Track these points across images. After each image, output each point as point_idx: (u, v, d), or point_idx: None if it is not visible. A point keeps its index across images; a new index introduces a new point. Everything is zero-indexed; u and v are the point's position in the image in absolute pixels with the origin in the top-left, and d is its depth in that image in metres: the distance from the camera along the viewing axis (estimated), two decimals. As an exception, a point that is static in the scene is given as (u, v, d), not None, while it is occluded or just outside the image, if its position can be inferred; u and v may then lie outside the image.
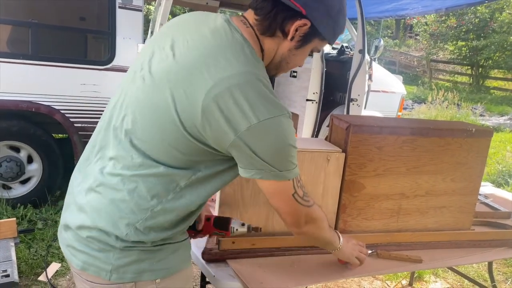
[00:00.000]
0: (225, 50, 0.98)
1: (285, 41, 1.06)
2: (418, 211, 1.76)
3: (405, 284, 2.98)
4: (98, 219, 1.03)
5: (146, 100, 1.02)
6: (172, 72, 1.00)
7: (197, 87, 0.95)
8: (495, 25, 15.87)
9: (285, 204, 1.10)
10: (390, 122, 1.79)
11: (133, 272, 1.05)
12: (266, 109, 0.94)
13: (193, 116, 0.95)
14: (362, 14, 3.84)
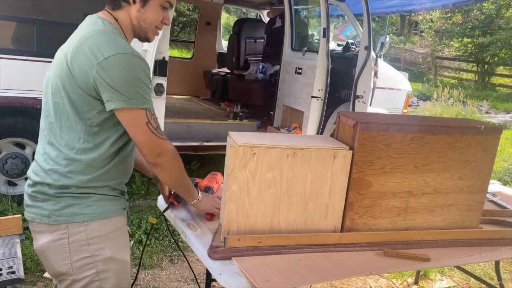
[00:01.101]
0: (83, 26, 1.42)
1: (131, 6, 1.41)
2: (425, 209, 1.74)
3: (410, 282, 2.97)
4: (37, 176, 1.40)
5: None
6: (53, 66, 1.49)
7: (67, 50, 1.37)
8: (501, 21, 15.74)
9: (140, 132, 1.33)
10: (398, 119, 1.76)
11: (65, 215, 1.36)
12: (111, 49, 1.27)
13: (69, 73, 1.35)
14: (368, 11, 3.82)
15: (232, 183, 1.47)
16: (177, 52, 12.55)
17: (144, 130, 1.32)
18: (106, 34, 1.33)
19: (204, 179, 2.07)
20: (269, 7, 6.14)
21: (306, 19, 5.58)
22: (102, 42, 1.29)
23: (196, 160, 4.73)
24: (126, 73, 1.27)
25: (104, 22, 1.38)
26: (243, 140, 1.48)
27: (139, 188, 3.99)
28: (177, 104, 5.32)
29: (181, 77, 5.94)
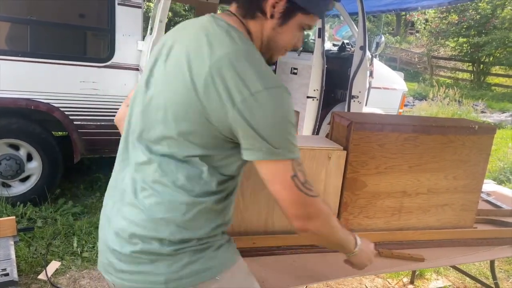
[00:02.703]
0: (212, 37, 1.01)
1: (267, 21, 1.07)
2: (420, 209, 1.74)
3: (406, 282, 2.97)
4: (139, 227, 1.03)
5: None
6: (165, 78, 1.06)
7: (195, 70, 0.99)
8: (496, 21, 15.81)
9: (283, 188, 1.01)
10: (392, 119, 1.76)
11: (189, 276, 1.03)
12: (260, 81, 0.95)
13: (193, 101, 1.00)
14: (363, 10, 3.82)
15: (226, 184, 1.47)
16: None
17: (289, 186, 1.00)
18: (251, 58, 0.99)
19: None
20: (265, 7, 6.14)
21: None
22: (248, 71, 0.96)
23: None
24: (276, 115, 0.97)
25: (240, 37, 1.03)
26: (237, 140, 1.48)
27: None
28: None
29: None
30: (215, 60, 0.96)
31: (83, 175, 4.29)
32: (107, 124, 3.65)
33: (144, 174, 1.05)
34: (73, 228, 3.16)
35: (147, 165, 1.05)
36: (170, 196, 1.02)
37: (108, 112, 3.63)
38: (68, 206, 3.49)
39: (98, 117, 3.61)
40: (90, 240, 3.03)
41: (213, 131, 1.00)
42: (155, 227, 1.02)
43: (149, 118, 1.06)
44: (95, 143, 3.72)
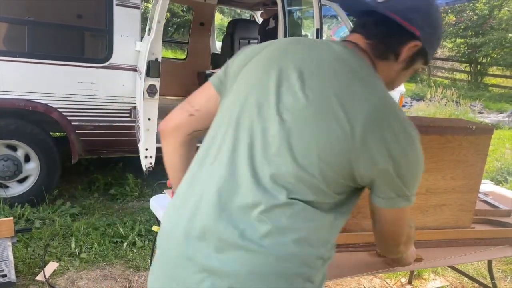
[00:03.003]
0: (364, 77, 0.95)
1: (395, 63, 1.05)
2: (418, 209, 1.74)
3: (404, 282, 2.97)
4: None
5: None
6: (310, 112, 0.92)
7: (352, 112, 0.90)
8: (493, 22, 15.84)
9: (401, 229, 1.10)
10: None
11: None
12: (412, 132, 0.95)
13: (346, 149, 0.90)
14: (361, 11, 3.83)
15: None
16: (171, 53, 12.52)
17: (406, 226, 1.09)
18: (397, 104, 0.97)
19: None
20: (263, 8, 6.14)
21: (300, 20, 5.59)
22: (404, 123, 0.94)
23: (190, 161, 4.73)
24: (420, 164, 0.98)
25: (380, 80, 0.99)
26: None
27: (133, 189, 3.98)
28: (170, 105, 5.25)
29: (174, 78, 5.92)
30: (375, 105, 0.91)
31: (81, 176, 4.28)
32: (105, 125, 3.65)
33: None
34: (71, 229, 3.15)
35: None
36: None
37: (106, 113, 3.63)
38: (66, 207, 3.49)
39: (96, 118, 3.61)
40: (88, 241, 3.03)
41: (345, 175, 0.93)
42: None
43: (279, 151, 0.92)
44: (93, 144, 3.72)
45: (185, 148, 1.16)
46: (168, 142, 1.17)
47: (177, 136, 1.15)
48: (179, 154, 1.17)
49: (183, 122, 1.14)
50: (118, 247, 3.01)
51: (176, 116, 1.16)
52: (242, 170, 0.93)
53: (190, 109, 1.13)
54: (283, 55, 1.01)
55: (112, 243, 3.04)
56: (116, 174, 4.30)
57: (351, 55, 0.99)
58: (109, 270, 2.77)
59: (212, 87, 1.12)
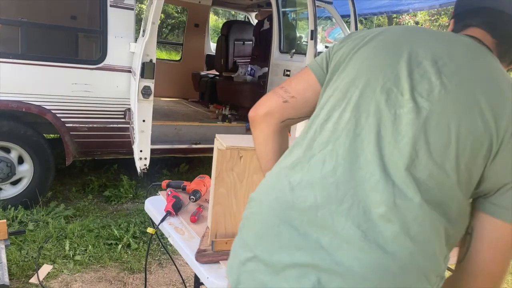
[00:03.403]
0: (505, 78, 0.89)
1: (505, 67, 0.98)
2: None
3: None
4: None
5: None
6: (450, 102, 0.84)
7: (496, 110, 0.83)
8: (486, 24, 15.98)
9: (504, 255, 0.87)
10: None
11: None
12: None
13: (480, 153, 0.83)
14: (355, 13, 3.85)
15: (219, 186, 1.47)
16: (165, 54, 12.50)
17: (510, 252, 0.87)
18: None
19: (192, 182, 2.06)
20: (257, 10, 6.15)
21: (294, 21, 5.60)
22: None
23: (185, 162, 4.72)
24: None
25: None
26: (230, 142, 1.48)
27: (127, 191, 3.96)
28: (165, 106, 5.30)
29: (169, 79, 5.92)
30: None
31: (75, 177, 4.26)
32: (99, 127, 3.63)
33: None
34: (65, 231, 3.14)
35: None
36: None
37: (101, 114, 3.62)
38: (60, 209, 3.47)
39: (91, 119, 3.59)
40: (82, 243, 3.01)
41: (473, 178, 0.84)
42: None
43: (424, 143, 0.81)
44: (88, 146, 3.70)
45: (278, 136, 1.09)
46: (261, 130, 1.09)
47: (269, 123, 1.07)
48: (272, 143, 1.10)
49: (277, 108, 1.06)
50: (112, 249, 3.00)
51: (268, 101, 1.08)
52: (366, 161, 0.83)
53: (284, 95, 1.05)
54: (408, 41, 0.93)
55: (107, 245, 3.03)
56: (111, 176, 4.28)
57: (484, 50, 0.93)
58: (103, 272, 2.76)
59: (312, 74, 1.04)
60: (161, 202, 1.92)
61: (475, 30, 0.98)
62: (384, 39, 0.96)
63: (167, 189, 2.01)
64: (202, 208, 1.86)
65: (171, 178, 3.82)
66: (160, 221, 1.76)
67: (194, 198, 1.92)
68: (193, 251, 1.49)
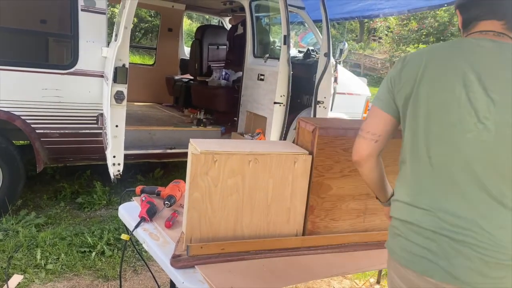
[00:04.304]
0: None
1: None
2: (383, 211, 1.80)
3: (373, 282, 3.05)
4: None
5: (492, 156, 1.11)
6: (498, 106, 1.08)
7: None
8: (453, 28, 16.52)
9: None
10: (355, 124, 1.82)
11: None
12: None
13: None
14: (327, 18, 3.91)
15: (194, 190, 1.47)
16: (139, 58, 12.35)
17: None
18: None
19: (166, 187, 2.05)
20: (231, 14, 6.17)
21: (268, 26, 5.65)
22: None
23: (159, 167, 4.68)
24: None
25: None
26: (205, 147, 1.49)
27: (101, 198, 3.90)
28: (139, 111, 5.25)
29: (143, 83, 5.86)
30: None
31: (46, 185, 4.16)
32: (71, 132, 3.56)
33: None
34: (36, 239, 3.06)
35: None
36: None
37: (72, 120, 3.55)
38: (30, 217, 3.38)
39: (62, 125, 3.52)
40: (55, 251, 2.95)
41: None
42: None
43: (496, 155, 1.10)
44: (59, 152, 3.62)
45: (378, 166, 1.37)
46: (365, 167, 1.36)
47: (371, 162, 1.34)
48: (375, 172, 1.37)
49: (372, 150, 1.31)
50: (86, 257, 2.95)
51: (365, 147, 1.32)
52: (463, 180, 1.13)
53: (374, 138, 1.30)
54: (456, 61, 1.14)
55: (80, 253, 2.97)
56: (83, 182, 4.20)
57: (508, 46, 1.13)
58: (77, 281, 2.71)
59: (383, 113, 1.29)
60: (135, 208, 1.91)
61: (485, 23, 1.18)
62: (438, 62, 1.17)
63: (141, 195, 2.00)
64: (177, 213, 1.86)
65: (145, 184, 3.78)
66: (134, 227, 1.75)
67: (169, 203, 1.92)
68: (168, 256, 1.49)
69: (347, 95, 5.08)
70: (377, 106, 1.30)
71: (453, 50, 1.18)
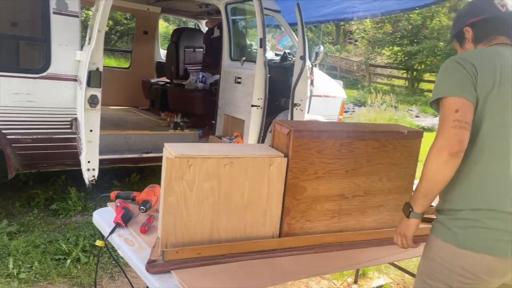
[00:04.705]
0: None
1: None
2: (357, 211, 1.83)
3: (350, 282, 3.08)
4: None
5: None
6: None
7: None
8: (426, 31, 16.91)
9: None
10: (329, 127, 1.85)
11: None
12: None
13: None
14: (302, 21, 3.95)
15: (169, 195, 1.47)
16: (114, 61, 12.19)
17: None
18: None
19: (141, 192, 2.03)
20: (207, 17, 6.16)
21: (244, 29, 5.66)
22: None
23: (135, 172, 4.62)
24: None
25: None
26: (179, 151, 1.49)
27: (76, 204, 3.82)
28: (114, 115, 5.17)
29: (118, 87, 5.78)
30: None
31: (18, 191, 4.05)
32: (44, 138, 3.48)
33: None
34: (8, 248, 2.98)
35: None
36: None
37: (45, 125, 3.47)
38: (2, 225, 3.29)
39: (35, 131, 3.44)
40: (28, 260, 2.87)
41: None
42: None
43: None
44: (32, 158, 3.54)
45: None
46: (458, 161, 1.31)
47: (462, 154, 1.32)
48: (455, 168, 1.34)
49: (467, 138, 1.32)
50: (61, 265, 2.88)
51: (466, 137, 1.31)
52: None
53: (469, 127, 1.31)
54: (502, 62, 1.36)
55: (54, 261, 2.91)
56: (58, 188, 4.11)
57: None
58: (51, 289, 2.65)
59: (471, 104, 1.33)
60: (110, 214, 1.89)
61: (501, 38, 1.46)
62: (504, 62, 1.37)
63: (116, 200, 1.98)
64: (153, 218, 1.84)
65: (121, 189, 3.73)
66: (109, 233, 1.73)
67: (144, 208, 1.90)
68: (144, 262, 1.48)
69: (323, 97, 5.13)
70: (465, 98, 1.33)
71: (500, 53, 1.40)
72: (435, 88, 1.43)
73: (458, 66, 1.36)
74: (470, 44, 1.52)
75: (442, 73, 1.41)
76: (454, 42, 1.61)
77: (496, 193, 1.34)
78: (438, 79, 1.43)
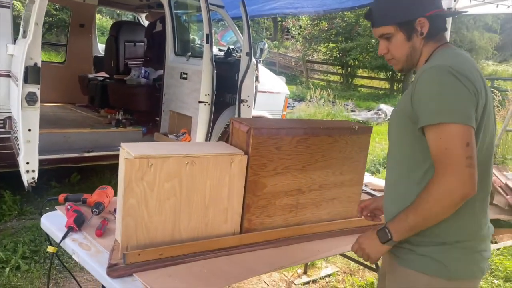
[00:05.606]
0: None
1: None
2: (313, 204, 1.89)
3: (300, 272, 3.18)
4: None
5: None
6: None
7: None
8: (359, 29, 17.63)
9: None
10: (286, 124, 1.90)
11: None
12: None
13: None
14: (247, 18, 3.97)
15: (129, 196, 1.43)
16: (44, 55, 11.45)
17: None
18: None
19: (93, 194, 1.95)
20: (148, 11, 5.99)
21: (187, 24, 5.58)
22: None
23: (76, 172, 4.40)
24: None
25: None
26: (138, 151, 1.45)
27: (11, 208, 3.57)
28: (50, 112, 4.88)
29: (53, 82, 5.44)
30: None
31: None
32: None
33: None
34: None
35: None
36: None
37: (-26, 124, 3.21)
38: None
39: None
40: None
41: None
42: None
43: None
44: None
45: None
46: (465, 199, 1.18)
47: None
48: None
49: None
50: (-2, 274, 2.70)
51: (475, 176, 1.16)
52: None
53: (475, 163, 1.16)
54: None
55: (-9, 271, 2.71)
56: (-11, 192, 3.82)
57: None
58: (-11, 301, 2.47)
59: (472, 130, 1.17)
60: (60, 218, 1.80)
61: (445, 36, 1.37)
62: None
63: (66, 203, 1.89)
64: (107, 220, 1.78)
65: (61, 190, 3.54)
66: (62, 238, 1.65)
67: (97, 211, 1.83)
68: (103, 266, 1.43)
69: (268, 93, 5.20)
70: (471, 126, 1.17)
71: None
72: (430, 107, 1.18)
73: (457, 82, 1.16)
74: (419, 39, 1.30)
75: (439, 90, 1.18)
76: (392, 30, 1.30)
77: (480, 215, 1.31)
78: (433, 96, 1.19)
